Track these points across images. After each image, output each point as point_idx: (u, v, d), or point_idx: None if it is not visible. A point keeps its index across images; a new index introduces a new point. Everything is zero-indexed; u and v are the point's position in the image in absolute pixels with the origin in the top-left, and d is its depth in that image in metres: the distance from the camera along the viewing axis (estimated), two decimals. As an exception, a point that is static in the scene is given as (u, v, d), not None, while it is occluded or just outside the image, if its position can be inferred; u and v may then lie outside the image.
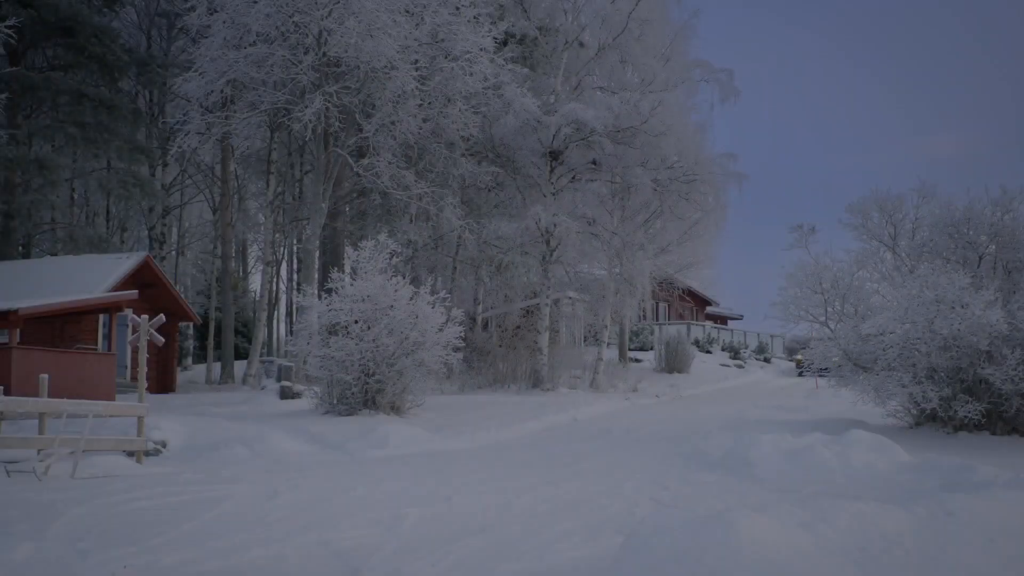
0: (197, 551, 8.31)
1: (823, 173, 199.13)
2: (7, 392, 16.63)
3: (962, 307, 18.19)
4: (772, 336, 63.43)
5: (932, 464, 12.93)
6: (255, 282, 58.73)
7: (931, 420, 19.64)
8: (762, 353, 59.60)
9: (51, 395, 15.38)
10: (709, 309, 69.02)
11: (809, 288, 20.99)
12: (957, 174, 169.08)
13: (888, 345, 19.10)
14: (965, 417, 18.70)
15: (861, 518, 7.98)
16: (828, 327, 21.05)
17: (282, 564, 7.99)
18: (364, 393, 23.45)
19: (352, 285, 24.07)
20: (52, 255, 40.17)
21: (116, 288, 30.43)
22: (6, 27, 29.14)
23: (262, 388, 28.79)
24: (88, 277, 31.12)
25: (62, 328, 29.77)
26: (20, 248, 40.13)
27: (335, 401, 23.71)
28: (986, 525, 8.38)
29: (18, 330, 24.53)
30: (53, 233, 43.63)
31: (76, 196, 47.03)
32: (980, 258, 20.19)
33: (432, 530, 9.73)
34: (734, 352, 55.83)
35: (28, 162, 34.83)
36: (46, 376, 15.60)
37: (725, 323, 70.38)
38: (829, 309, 21.03)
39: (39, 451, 13.72)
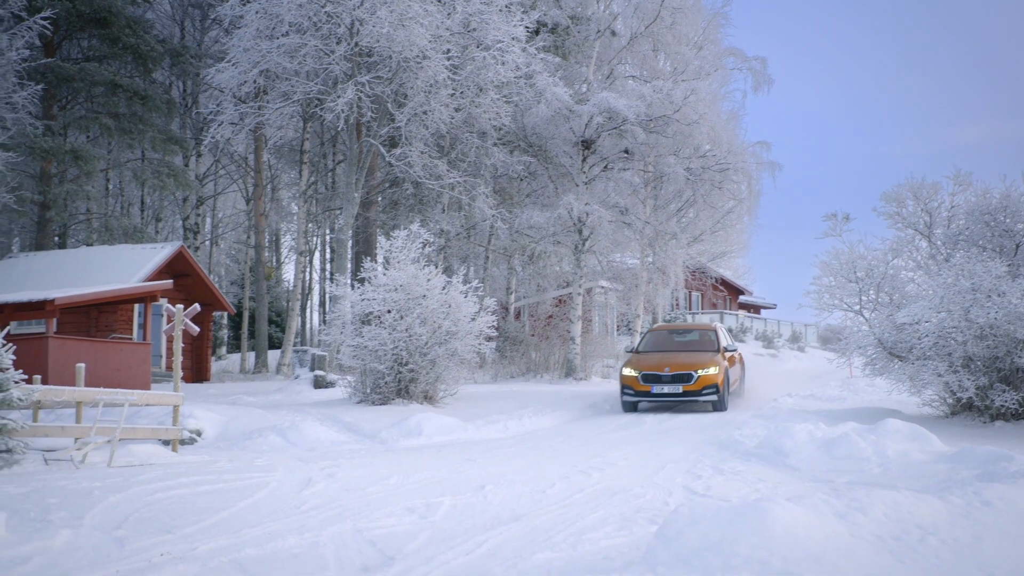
0: (233, 539, 8.35)
1: (857, 161, 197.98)
2: (44, 381, 16.77)
3: (999, 296, 18.04)
4: (806, 325, 63.10)
5: (968, 453, 12.82)
6: (289, 272, 59.04)
7: (967, 409, 19.50)
8: (796, 342, 59.29)
9: (87, 384, 15.50)
10: (742, 298, 68.70)
11: (843, 277, 20.84)
12: (992, 161, 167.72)
13: (923, 334, 18.96)
14: (1002, 406, 18.56)
15: (897, 508, 7.93)
16: (862, 316, 20.92)
17: (317, 552, 8.02)
18: (397, 382, 23.50)
19: (385, 275, 24.10)
20: (87, 245, 40.45)
21: (150, 278, 30.63)
22: (42, 18, 29.35)
23: (296, 377, 28.88)
24: (123, 267, 31.35)
25: (97, 318, 29.99)
26: (56, 238, 40.45)
27: (368, 390, 23.77)
28: (1023, 514, 8.32)
29: (54, 320, 24.75)
30: (88, 223, 43.92)
31: (111, 186, 47.34)
32: (1017, 246, 20.00)
33: (466, 519, 9.75)
34: (767, 341, 55.57)
35: (63, 153, 35.08)
36: (83, 365, 15.72)
37: (758, 312, 70.05)
38: (863, 298, 20.88)
39: (76, 439, 13.83)
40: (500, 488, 11.78)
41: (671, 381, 22.45)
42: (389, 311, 23.43)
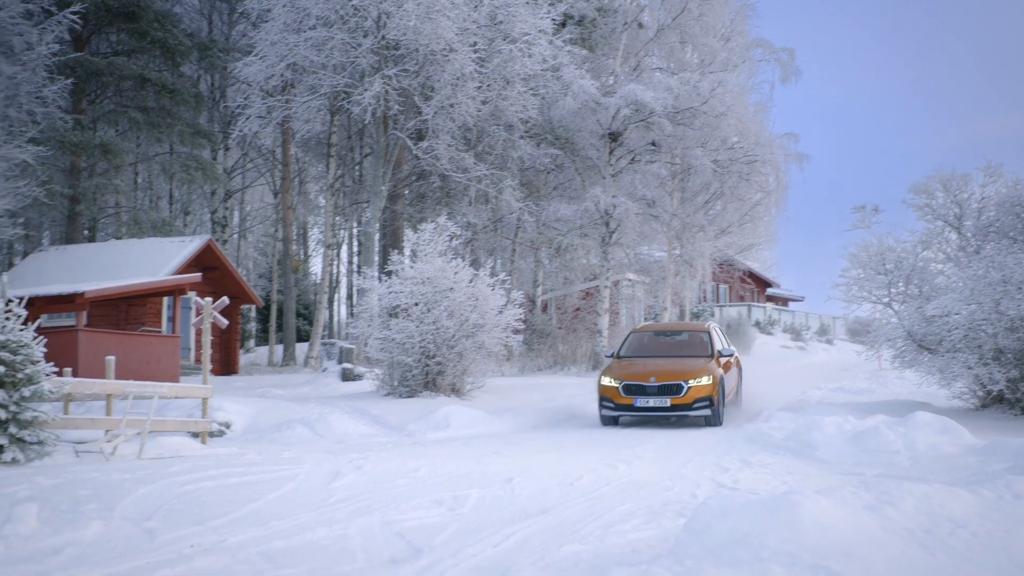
0: (262, 530, 8.39)
1: (886, 153, 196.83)
2: (74, 374, 16.86)
3: (1029, 288, 17.93)
4: (834, 318, 62.88)
5: (999, 446, 12.75)
6: (316, 265, 59.17)
7: (998, 402, 19.38)
8: (824, 335, 59.11)
9: (117, 377, 15.58)
10: (770, 291, 68.49)
11: (872, 269, 20.75)
12: (1023, 152, 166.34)
13: (953, 326, 18.86)
14: (1032, 399, 18.46)
15: (927, 501, 7.89)
16: (891, 308, 20.82)
17: (345, 544, 8.05)
18: (425, 375, 23.54)
19: (412, 267, 24.15)
20: (117, 239, 40.67)
21: (179, 271, 30.78)
22: (71, 13, 29.50)
23: (323, 370, 28.98)
24: (152, 260, 31.51)
25: (127, 311, 30.16)
26: (86, 232, 40.70)
27: (396, 383, 23.82)
28: (1055, 508, 8.25)
29: (85, 313, 24.90)
30: (118, 217, 44.17)
31: (140, 180, 47.59)
32: (1048, 238, 19.86)
33: (493, 511, 9.76)
34: (795, 334, 55.41)
35: (93, 147, 35.29)
36: (112, 358, 15.81)
37: (786, 305, 69.82)
38: (892, 290, 20.78)
39: (106, 431, 13.92)
40: (528, 481, 11.79)
41: (657, 393, 19.09)
42: (416, 304, 23.46)
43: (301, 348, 42.26)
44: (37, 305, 24.66)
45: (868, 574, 6.20)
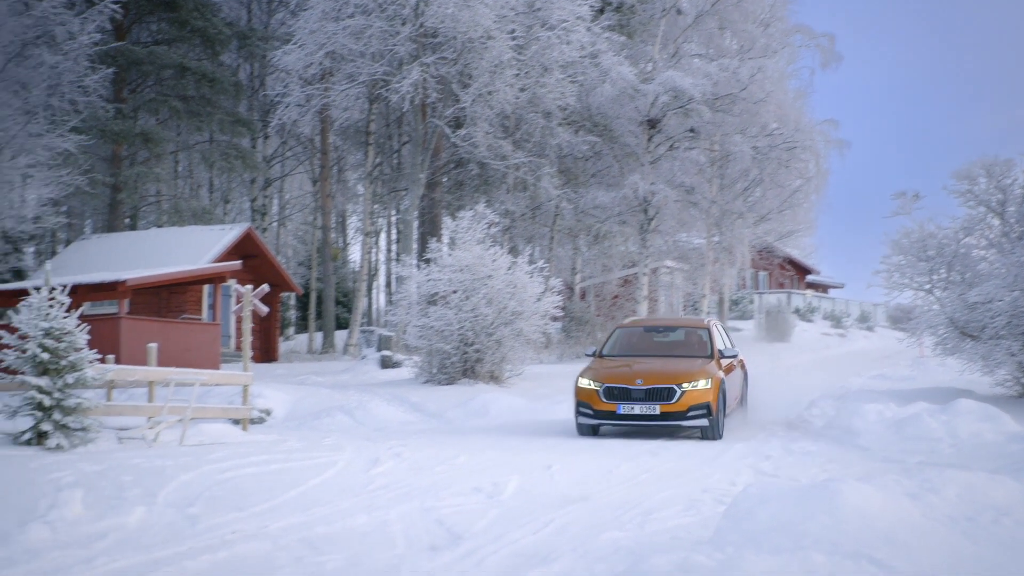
0: (303, 517, 8.45)
1: (928, 139, 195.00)
2: (117, 361, 17.01)
3: (1074, 274, 17.75)
4: (875, 305, 62.41)
5: (1043, 434, 12.66)
6: (355, 253, 59.33)
7: (1042, 389, 19.21)
8: (864, 322, 58.71)
9: (158, 364, 15.71)
10: (810, 278, 68.05)
11: (914, 255, 20.56)
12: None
13: (996, 313, 18.68)
14: (1077, 387, 18.28)
15: (970, 488, 7.84)
16: (933, 295, 20.65)
17: (386, 530, 8.09)
18: (463, 362, 23.58)
19: (450, 255, 24.19)
20: (158, 227, 40.96)
21: (219, 259, 30.97)
22: (112, 2, 29.69)
23: (363, 357, 29.09)
24: (192, 248, 31.73)
25: (168, 298, 30.39)
26: (127, 220, 41.02)
27: (435, 370, 23.88)
28: (1100, 497, 8.18)
29: (127, 300, 25.10)
30: (159, 205, 44.50)
31: (180, 168, 47.89)
32: (1092, 224, 19.64)
33: (533, 498, 9.78)
34: (836, 321, 55.06)
35: (134, 135, 35.57)
36: (155, 345, 15.94)
37: (826, 292, 69.36)
38: (934, 277, 20.60)
39: (149, 418, 14.03)
40: (566, 468, 11.81)
41: (644, 398, 15.75)
42: (455, 291, 23.50)
43: (340, 336, 42.43)
44: (80, 293, 24.81)
45: (910, 562, 6.17)
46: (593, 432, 16.53)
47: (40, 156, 28.27)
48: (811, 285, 67.54)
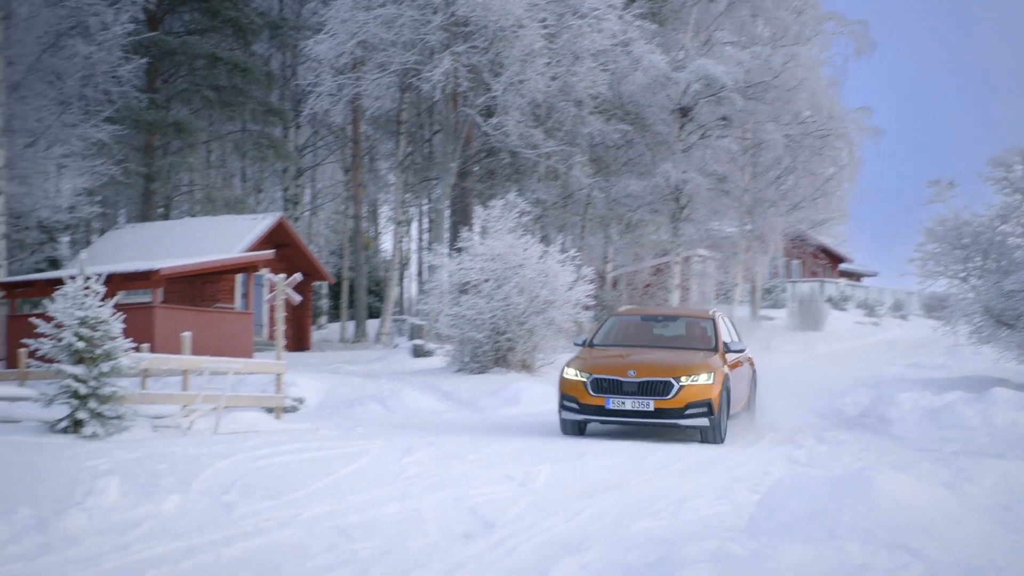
0: (336, 505, 8.47)
1: (963, 126, 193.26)
2: (151, 350, 17.12)
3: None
4: (909, 293, 62.00)
5: (1079, 424, 12.56)
6: (386, 242, 59.42)
7: (1078, 379, 19.07)
8: (898, 311, 58.34)
9: (192, 353, 15.80)
10: (843, 266, 67.64)
11: (948, 243, 20.43)
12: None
13: (1033, 301, 18.56)
14: (1114, 376, 18.12)
15: (1006, 477, 7.79)
16: (968, 283, 20.50)
17: (419, 518, 8.10)
18: (495, 351, 23.59)
19: (482, 244, 24.18)
20: (191, 216, 41.17)
21: (252, 248, 31.10)
22: (145, -7, 29.89)
23: (395, 346, 29.19)
24: (225, 238, 31.89)
25: (201, 287, 30.55)
26: (160, 210, 41.26)
27: (466, 359, 23.89)
28: None
29: (161, 289, 25.26)
30: (191, 195, 44.72)
31: (213, 158, 48.04)
32: None
33: (565, 487, 9.79)
34: (869, 309, 54.76)
35: (167, 125, 35.78)
36: (189, 334, 16.02)
37: (859, 280, 68.93)
38: (969, 265, 20.45)
39: (183, 406, 14.12)
40: (598, 456, 11.81)
41: (637, 392, 14.01)
42: (486, 280, 23.50)
43: (372, 324, 42.52)
44: (115, 282, 25.01)
45: (946, 551, 6.13)
46: (579, 431, 14.84)
47: (75, 146, 28.53)
48: (844, 273, 67.14)
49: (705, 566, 5.95)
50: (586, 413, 14.31)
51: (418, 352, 27.91)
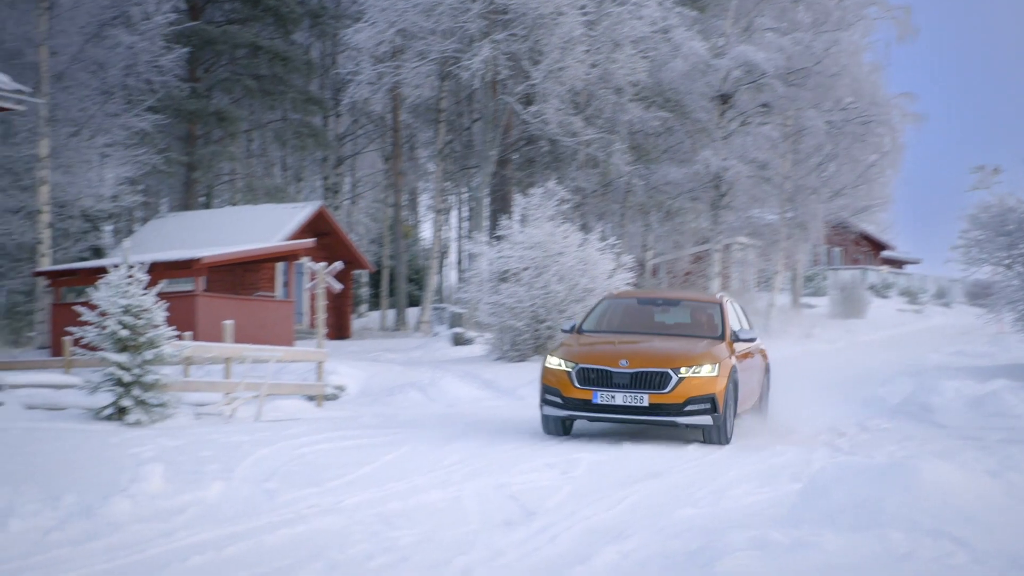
0: (377, 492, 8.50)
1: (1008, 111, 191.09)
2: (194, 338, 17.27)
3: None
4: (952, 281, 61.45)
5: None
6: (426, 230, 59.53)
7: (1125, 367, 18.84)
8: (941, 298, 57.85)
9: (234, 341, 15.91)
10: (885, 253, 67.15)
11: (993, 230, 20.22)
12: None
13: (1079, 288, 18.35)
14: None
15: (1052, 467, 7.72)
16: (1013, 270, 20.30)
17: (460, 505, 8.12)
18: (535, 339, 23.58)
19: (522, 232, 24.17)
20: (232, 205, 41.42)
21: (292, 237, 31.23)
22: (187, -17, 30.09)
23: (434, 334, 29.25)
24: (266, 226, 32.03)
25: (243, 276, 30.73)
26: (202, 198, 41.54)
27: (506, 347, 23.91)
28: None
29: (203, 278, 25.42)
30: (232, 183, 44.93)
31: (253, 147, 48.26)
32: None
33: (606, 475, 9.77)
34: (912, 297, 54.32)
35: (208, 114, 36.01)
36: (231, 322, 16.13)
37: (902, 267, 68.45)
38: (1014, 251, 20.24)
39: (225, 394, 14.22)
40: (639, 445, 11.79)
41: (629, 385, 12.06)
42: (526, 268, 23.50)
43: (412, 313, 42.62)
44: (157, 270, 25.02)
45: (991, 540, 6.07)
46: (564, 430, 12.93)
47: (117, 135, 28.80)
48: (886, 261, 66.66)
49: (747, 554, 5.92)
50: (570, 408, 12.41)
51: (458, 340, 27.94)
